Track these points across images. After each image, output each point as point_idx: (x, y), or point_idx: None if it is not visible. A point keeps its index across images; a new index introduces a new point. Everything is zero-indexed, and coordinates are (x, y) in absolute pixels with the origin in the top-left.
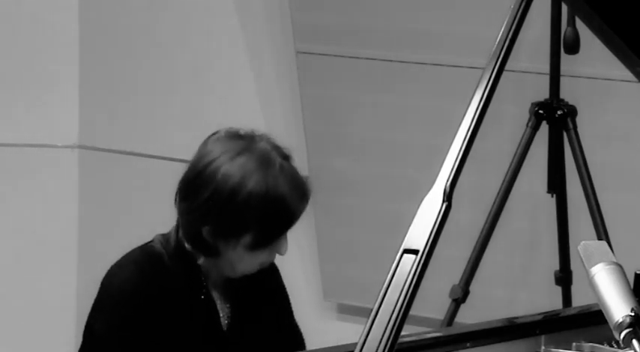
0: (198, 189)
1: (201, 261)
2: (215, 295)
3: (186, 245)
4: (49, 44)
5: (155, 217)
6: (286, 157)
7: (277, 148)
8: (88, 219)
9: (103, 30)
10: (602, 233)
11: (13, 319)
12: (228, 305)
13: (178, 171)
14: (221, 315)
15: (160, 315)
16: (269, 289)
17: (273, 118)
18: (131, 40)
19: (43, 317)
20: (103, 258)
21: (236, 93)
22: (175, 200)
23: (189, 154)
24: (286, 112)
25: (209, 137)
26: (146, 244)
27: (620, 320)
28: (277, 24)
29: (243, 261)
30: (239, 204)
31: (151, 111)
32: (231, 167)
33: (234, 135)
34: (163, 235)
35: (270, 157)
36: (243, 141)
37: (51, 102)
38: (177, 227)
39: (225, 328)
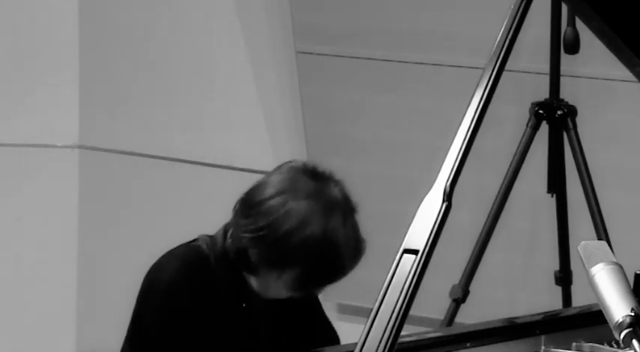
0: (257, 215)
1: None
2: (256, 303)
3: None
4: (49, 44)
5: (155, 217)
6: (352, 211)
7: (347, 200)
8: (88, 219)
9: (103, 30)
10: (602, 233)
11: (13, 319)
12: (268, 314)
13: (178, 171)
14: (260, 324)
15: (204, 313)
16: (306, 302)
17: (273, 118)
18: (131, 40)
19: (43, 317)
20: (103, 258)
21: (236, 93)
22: (234, 208)
23: (189, 154)
24: (286, 112)
25: (284, 164)
26: (191, 242)
27: (620, 320)
28: (277, 24)
29: (277, 290)
30: (291, 246)
31: (151, 111)
32: (295, 207)
33: (309, 173)
34: (210, 237)
35: (337, 208)
36: (316, 184)
37: (51, 102)
38: (225, 233)
39: (263, 336)
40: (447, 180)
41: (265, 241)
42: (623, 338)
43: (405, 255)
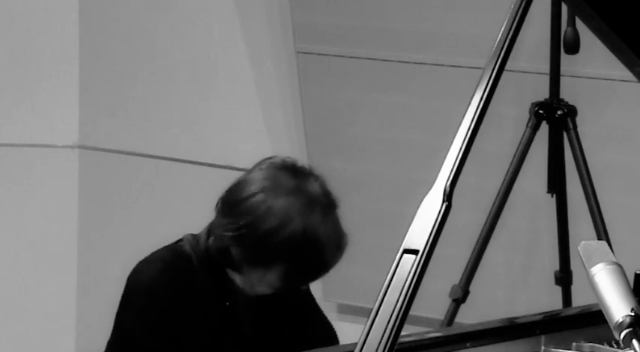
0: (239, 214)
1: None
2: (240, 301)
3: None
4: (49, 44)
5: (155, 217)
6: (332, 206)
7: (327, 195)
8: (88, 219)
9: (103, 30)
10: (602, 233)
11: (13, 319)
12: (252, 312)
13: (178, 171)
14: (245, 322)
15: (185, 314)
16: (295, 297)
17: (273, 118)
18: (131, 40)
19: (43, 317)
20: (103, 258)
21: (236, 93)
22: (216, 207)
23: (189, 154)
24: (286, 112)
25: (264, 160)
26: (175, 243)
27: (620, 320)
28: (277, 24)
29: (262, 287)
30: (273, 244)
31: (151, 111)
32: (276, 205)
33: (289, 169)
34: (194, 236)
35: (317, 204)
36: (296, 180)
37: (51, 102)
38: (209, 232)
39: (247, 335)
40: (447, 180)
41: (247, 240)
42: (623, 338)
43: (405, 255)
